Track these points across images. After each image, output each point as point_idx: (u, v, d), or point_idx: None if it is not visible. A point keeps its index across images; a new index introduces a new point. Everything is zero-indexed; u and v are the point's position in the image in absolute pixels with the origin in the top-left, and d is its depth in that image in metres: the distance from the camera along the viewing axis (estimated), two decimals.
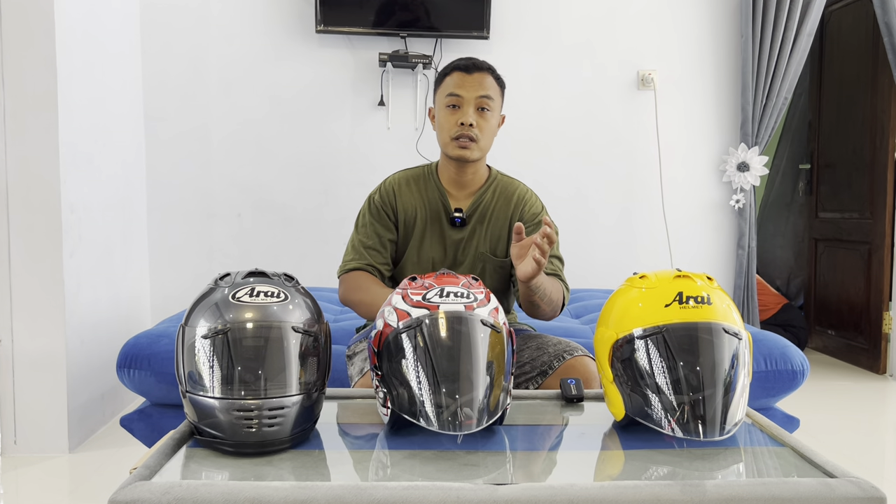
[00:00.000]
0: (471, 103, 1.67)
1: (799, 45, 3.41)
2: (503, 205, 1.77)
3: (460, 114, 1.68)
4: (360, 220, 1.81)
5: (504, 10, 3.38)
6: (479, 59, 1.73)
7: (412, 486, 0.88)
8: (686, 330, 1.06)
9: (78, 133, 2.58)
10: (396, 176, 1.82)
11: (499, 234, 1.76)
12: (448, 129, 1.69)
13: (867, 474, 0.97)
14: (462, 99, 1.67)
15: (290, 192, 3.39)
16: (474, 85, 1.68)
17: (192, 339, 1.04)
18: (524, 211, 1.77)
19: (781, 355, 2.10)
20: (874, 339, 3.75)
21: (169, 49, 3.28)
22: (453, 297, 1.10)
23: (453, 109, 1.69)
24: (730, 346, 1.06)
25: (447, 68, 1.74)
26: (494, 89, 1.71)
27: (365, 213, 1.80)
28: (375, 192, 1.81)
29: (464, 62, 1.71)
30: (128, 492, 0.87)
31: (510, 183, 1.81)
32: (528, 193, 1.81)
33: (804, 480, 0.92)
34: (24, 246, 2.44)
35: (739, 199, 3.50)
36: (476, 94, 1.67)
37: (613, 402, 1.14)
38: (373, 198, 1.80)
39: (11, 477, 2.30)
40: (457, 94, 1.68)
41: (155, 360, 2.04)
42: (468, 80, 1.68)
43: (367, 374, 1.57)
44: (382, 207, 1.77)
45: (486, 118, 1.69)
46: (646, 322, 1.08)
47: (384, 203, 1.78)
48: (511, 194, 1.78)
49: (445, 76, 1.73)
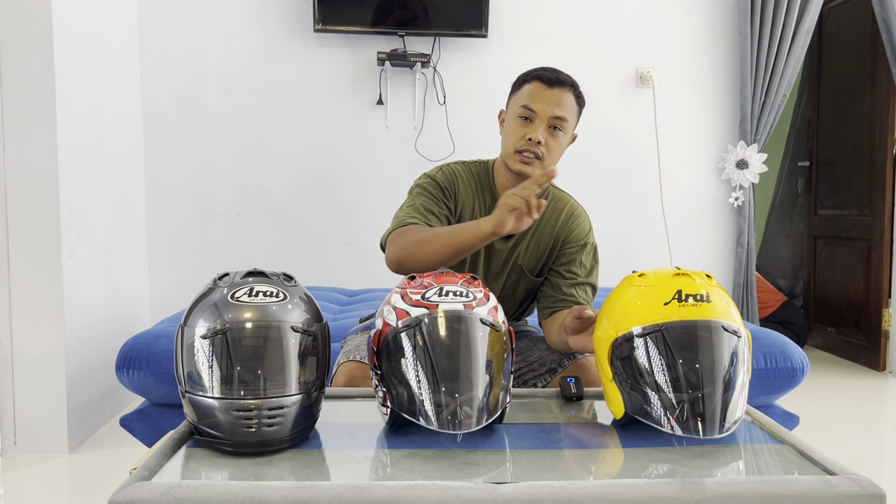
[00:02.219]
0: (544, 120, 1.56)
1: (797, 42, 3.41)
2: (552, 219, 1.69)
3: (530, 128, 1.57)
4: (415, 192, 1.66)
5: (502, 9, 3.38)
6: (563, 73, 1.61)
7: (412, 486, 0.88)
8: (685, 328, 1.06)
9: (76, 133, 2.58)
10: (455, 166, 1.71)
11: (543, 248, 1.68)
12: (514, 140, 1.59)
13: (867, 471, 0.97)
14: (535, 114, 1.57)
15: (289, 191, 3.39)
16: (552, 101, 1.56)
17: (192, 339, 1.04)
18: (571, 228, 1.69)
19: (781, 353, 2.10)
20: (874, 336, 3.75)
21: (167, 49, 3.28)
22: (452, 296, 1.10)
23: (524, 122, 1.58)
24: (729, 343, 1.06)
25: (529, 75, 1.62)
26: (572, 109, 1.60)
27: (422, 186, 1.66)
28: (436, 171, 1.69)
29: (547, 73, 1.59)
30: (128, 492, 0.87)
31: (561, 196, 1.73)
32: (578, 210, 1.73)
33: (804, 478, 0.92)
34: (23, 246, 2.43)
35: (738, 197, 3.50)
36: (551, 113, 1.56)
37: (613, 401, 1.14)
38: (433, 176, 1.67)
39: (11, 477, 2.30)
40: (531, 107, 1.57)
41: (154, 361, 2.03)
42: (547, 95, 1.57)
43: (344, 364, 1.56)
44: (446, 188, 1.65)
45: (556, 137, 1.58)
46: (645, 320, 1.08)
47: (448, 185, 1.66)
48: (561, 209, 1.70)
49: (524, 82, 1.61)
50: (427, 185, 1.66)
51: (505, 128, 1.64)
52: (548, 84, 1.57)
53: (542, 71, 1.60)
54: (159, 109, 3.30)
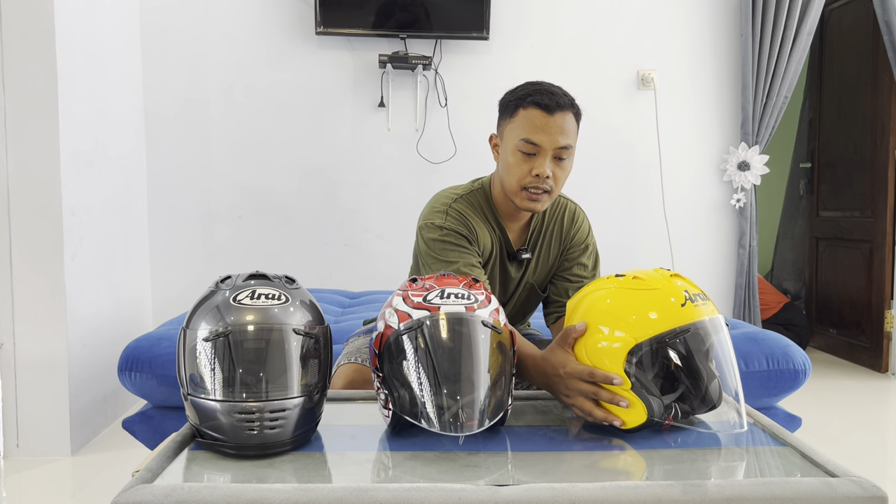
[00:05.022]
0: (548, 152, 1.45)
1: (799, 43, 3.41)
2: (557, 228, 1.65)
3: (535, 163, 1.46)
4: (438, 249, 1.51)
5: (504, 11, 3.38)
6: (559, 91, 1.48)
7: (414, 488, 0.88)
8: (704, 327, 1.10)
9: (78, 136, 2.59)
10: (457, 204, 1.56)
11: (552, 259, 1.66)
12: (519, 176, 1.47)
13: (869, 473, 0.97)
14: (539, 147, 1.45)
15: (291, 193, 3.40)
16: (555, 130, 1.44)
17: (194, 341, 1.04)
18: (574, 231, 1.65)
19: (783, 354, 2.10)
20: (876, 337, 3.75)
21: (169, 52, 3.28)
22: (454, 299, 1.10)
23: (527, 157, 1.47)
24: (728, 336, 1.13)
25: (523, 99, 1.47)
26: (574, 132, 1.48)
27: (440, 240, 1.52)
28: (443, 219, 1.53)
29: (545, 99, 1.45)
30: (130, 495, 0.87)
31: (559, 201, 1.67)
32: (577, 211, 1.68)
33: (806, 480, 0.92)
34: (26, 249, 2.44)
35: (740, 199, 3.50)
36: (556, 145, 1.45)
37: (628, 410, 1.10)
38: (446, 226, 1.52)
39: (14, 480, 2.30)
40: (534, 142, 1.45)
41: (156, 363, 2.04)
42: (549, 125, 1.44)
43: (343, 367, 1.56)
44: (467, 235, 1.53)
45: (562, 167, 1.48)
46: (671, 323, 1.08)
47: (466, 229, 1.53)
48: (562, 215, 1.66)
49: (519, 108, 1.47)
50: (447, 237, 1.52)
51: (504, 161, 1.51)
52: (547, 111, 1.44)
53: (539, 96, 1.46)
54: (161, 112, 3.30)
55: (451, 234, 1.52)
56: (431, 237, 1.53)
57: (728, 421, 1.12)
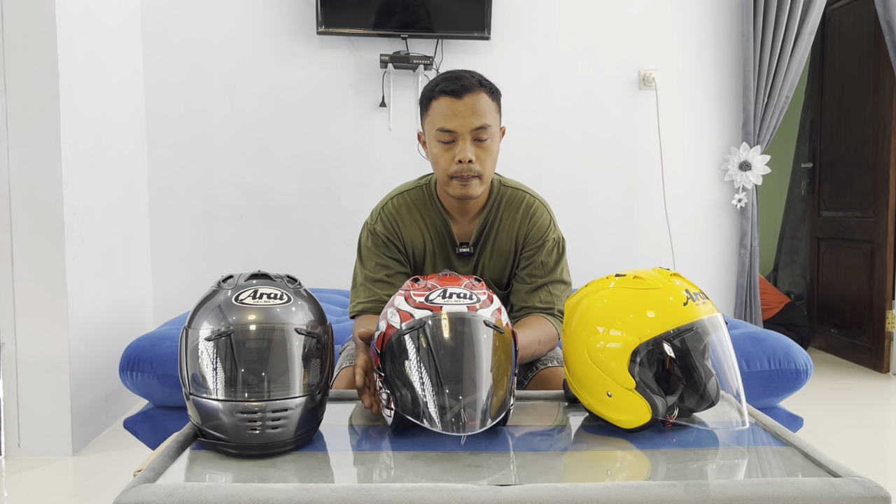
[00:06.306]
0: (466, 136, 1.46)
1: (800, 43, 3.40)
2: (509, 221, 1.60)
3: (456, 150, 1.47)
4: (364, 252, 1.62)
5: (505, 11, 3.38)
6: (465, 74, 1.49)
7: (416, 488, 0.88)
8: (706, 326, 1.10)
9: (80, 136, 2.59)
10: (394, 201, 1.62)
11: (505, 255, 1.62)
12: (444, 166, 1.49)
13: (871, 473, 0.97)
14: (455, 133, 1.46)
15: (293, 193, 3.40)
16: (467, 113, 1.45)
17: (196, 341, 1.04)
18: (530, 227, 1.60)
19: (785, 354, 2.10)
20: (877, 337, 3.74)
21: (170, 52, 3.29)
22: (456, 298, 1.10)
23: (447, 145, 1.48)
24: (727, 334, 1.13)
25: (432, 90, 1.49)
26: (491, 111, 1.48)
27: (367, 244, 1.61)
28: (374, 221, 1.62)
29: (451, 85, 1.46)
30: (132, 494, 0.87)
31: (515, 194, 1.62)
32: (536, 205, 1.62)
33: (808, 480, 0.92)
34: (27, 249, 2.44)
35: (742, 199, 3.49)
36: (471, 126, 1.45)
37: (632, 410, 1.10)
38: (373, 228, 1.61)
39: (15, 480, 2.30)
40: (448, 129, 1.46)
41: (158, 363, 2.04)
42: (460, 109, 1.45)
43: (346, 369, 1.56)
44: (388, 239, 1.59)
45: (485, 148, 1.48)
46: (672, 323, 1.08)
47: (389, 233, 1.59)
48: (517, 207, 1.61)
49: (431, 100, 1.49)
50: (370, 243, 1.61)
51: (431, 155, 1.53)
52: (455, 95, 1.45)
53: (445, 83, 1.47)
54: (162, 112, 3.30)
55: (373, 239, 1.61)
56: (362, 241, 1.64)
57: (730, 420, 1.13)
